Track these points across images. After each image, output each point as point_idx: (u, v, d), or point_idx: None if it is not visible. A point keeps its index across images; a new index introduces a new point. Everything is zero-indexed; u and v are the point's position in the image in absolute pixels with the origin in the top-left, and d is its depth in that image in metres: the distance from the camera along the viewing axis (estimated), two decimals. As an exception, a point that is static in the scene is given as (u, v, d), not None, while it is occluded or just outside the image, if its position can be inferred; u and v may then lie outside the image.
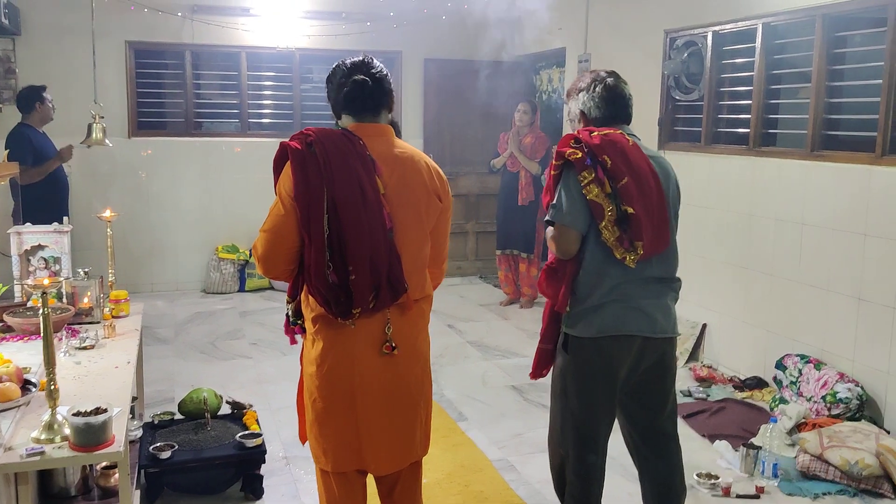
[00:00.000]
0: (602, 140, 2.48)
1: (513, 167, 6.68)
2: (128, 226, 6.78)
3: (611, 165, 2.44)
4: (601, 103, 2.64)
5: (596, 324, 2.50)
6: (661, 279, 2.58)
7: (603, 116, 2.64)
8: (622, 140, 2.52)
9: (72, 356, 3.00)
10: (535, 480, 3.54)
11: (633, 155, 2.50)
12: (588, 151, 2.45)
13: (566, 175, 2.49)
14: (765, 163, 4.70)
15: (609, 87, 2.64)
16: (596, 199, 2.42)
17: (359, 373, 2.24)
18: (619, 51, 6.05)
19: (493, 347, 5.61)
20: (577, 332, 2.54)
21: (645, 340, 2.54)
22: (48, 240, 3.69)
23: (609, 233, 2.43)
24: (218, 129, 7.44)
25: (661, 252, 2.56)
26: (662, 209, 2.54)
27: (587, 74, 2.71)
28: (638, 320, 2.51)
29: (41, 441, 2.21)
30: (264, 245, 2.24)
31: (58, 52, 6.58)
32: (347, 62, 2.32)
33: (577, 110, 2.70)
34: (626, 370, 2.57)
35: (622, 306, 2.50)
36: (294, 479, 3.53)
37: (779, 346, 4.56)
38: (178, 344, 5.57)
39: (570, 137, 2.53)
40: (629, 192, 2.44)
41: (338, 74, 2.32)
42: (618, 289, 2.49)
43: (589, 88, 2.66)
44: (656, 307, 2.56)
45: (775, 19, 4.61)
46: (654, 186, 2.52)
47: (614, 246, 2.44)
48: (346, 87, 2.27)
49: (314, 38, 7.27)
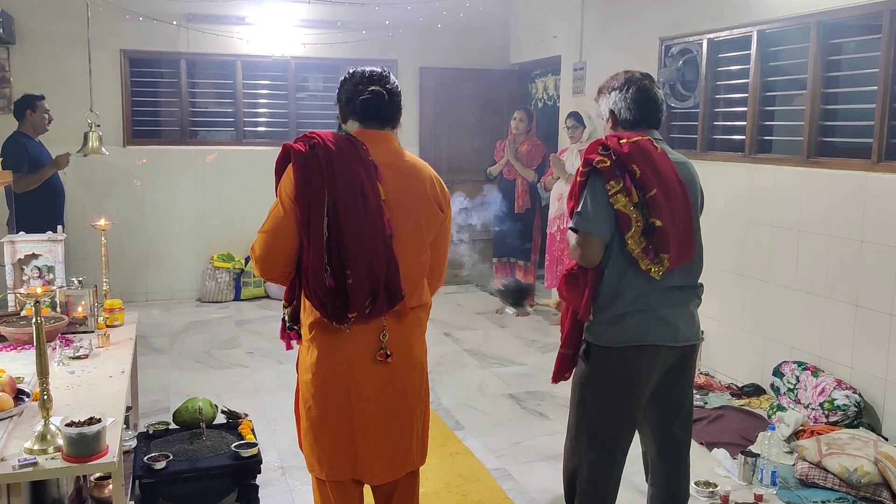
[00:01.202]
0: (631, 148, 2.43)
1: (509, 175, 6.69)
2: (123, 234, 6.77)
3: (640, 175, 2.39)
4: (633, 105, 2.58)
5: (619, 334, 2.47)
6: (683, 287, 2.55)
7: (633, 119, 2.59)
8: (651, 148, 2.47)
9: (65, 366, 2.97)
10: (534, 490, 3.52)
11: (661, 164, 2.46)
12: (616, 160, 2.41)
13: (593, 182, 2.44)
14: (760, 170, 4.71)
15: (643, 89, 2.58)
16: (623, 210, 2.38)
17: (355, 380, 2.23)
18: (614, 58, 6.05)
19: (490, 356, 5.59)
20: (599, 342, 2.51)
21: (668, 350, 2.51)
22: (42, 249, 3.67)
23: (635, 243, 2.40)
24: (213, 137, 7.43)
25: (687, 262, 2.53)
26: (689, 220, 2.50)
27: (621, 74, 2.65)
28: (660, 330, 2.48)
29: (34, 452, 2.18)
30: (262, 246, 2.22)
31: (53, 61, 6.57)
32: (367, 69, 2.31)
33: (607, 109, 2.65)
34: (651, 381, 2.54)
35: (645, 316, 2.47)
36: (290, 489, 3.50)
37: (776, 353, 4.55)
38: (174, 353, 5.54)
39: (598, 143, 2.47)
40: (658, 204, 2.40)
41: (355, 79, 2.30)
42: (640, 298, 2.46)
43: (622, 88, 2.59)
44: (679, 315, 2.53)
45: (770, 27, 4.62)
46: (681, 196, 2.48)
47: (640, 257, 2.40)
48: (365, 95, 2.25)
49: (310, 47, 7.28)
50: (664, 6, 5.52)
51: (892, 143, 3.94)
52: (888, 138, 3.93)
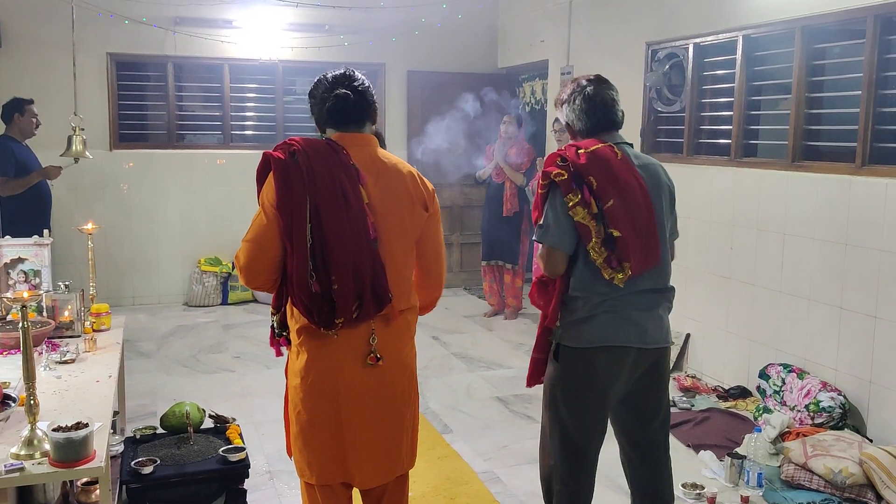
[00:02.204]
0: (588, 158, 2.44)
1: (498, 178, 6.70)
2: (110, 238, 6.73)
3: (597, 186, 2.41)
4: (582, 115, 2.59)
5: (586, 334, 2.49)
6: (653, 290, 2.57)
7: (587, 128, 2.59)
8: (610, 155, 2.47)
9: (52, 370, 2.96)
10: (522, 492, 3.53)
11: (621, 172, 2.46)
12: (574, 172, 2.42)
13: (552, 196, 2.47)
14: (746, 173, 4.74)
15: (588, 96, 2.58)
16: (582, 221, 2.40)
17: (344, 385, 2.23)
18: (601, 63, 6.08)
19: (478, 359, 5.60)
20: (567, 343, 2.53)
21: (638, 352, 2.53)
22: (28, 253, 3.66)
23: (597, 254, 2.41)
24: (200, 141, 7.41)
25: (653, 268, 2.54)
26: (652, 225, 2.50)
27: (569, 84, 2.65)
28: (628, 331, 2.50)
29: (21, 457, 2.17)
30: (247, 255, 2.22)
31: (39, 64, 6.53)
32: (329, 76, 2.32)
33: (564, 122, 2.68)
34: (620, 382, 2.56)
35: (613, 317, 2.49)
36: (278, 494, 3.50)
37: (762, 356, 4.58)
38: (161, 358, 5.52)
39: (557, 156, 2.49)
40: (615, 215, 2.41)
41: (320, 88, 2.31)
42: (608, 302, 2.48)
43: (570, 101, 2.61)
44: (648, 318, 2.54)
45: (756, 31, 4.66)
46: (643, 202, 2.48)
47: (602, 266, 2.42)
48: (329, 102, 2.26)
49: (297, 51, 7.27)
50: (651, 11, 5.56)
51: (875, 147, 3.98)
52: (872, 142, 3.97)
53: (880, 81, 3.94)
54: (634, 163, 2.54)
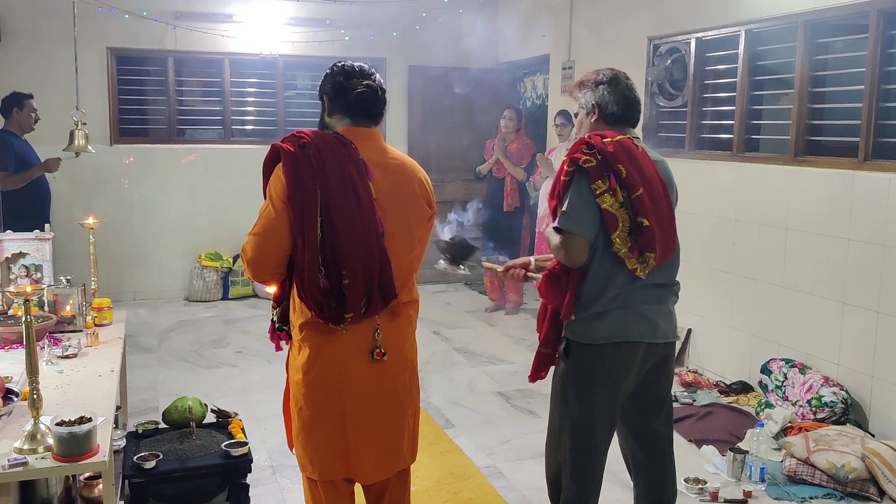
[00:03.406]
0: (616, 147, 2.42)
1: (498, 173, 6.69)
2: (110, 233, 6.72)
3: (625, 175, 2.39)
4: (621, 100, 2.56)
5: (599, 330, 2.47)
6: (662, 284, 2.56)
7: (620, 114, 2.57)
8: (633, 147, 2.47)
9: (54, 365, 2.96)
10: (524, 487, 3.53)
11: (644, 163, 2.46)
12: (602, 159, 2.40)
13: (578, 182, 2.42)
14: (748, 168, 4.73)
15: (630, 87, 2.60)
16: (610, 209, 2.37)
17: (347, 380, 2.22)
18: (602, 58, 6.06)
19: (480, 354, 5.59)
20: (579, 339, 2.50)
21: (648, 346, 2.52)
22: (29, 247, 3.65)
23: (622, 243, 2.39)
24: (201, 136, 7.40)
25: (668, 260, 2.54)
26: (671, 218, 2.51)
27: (607, 69, 2.63)
28: (641, 326, 2.49)
29: (24, 451, 2.17)
30: (254, 248, 2.20)
31: (39, 59, 6.52)
32: (356, 65, 2.29)
33: (591, 102, 2.59)
34: (631, 377, 2.55)
35: (626, 312, 2.47)
36: (280, 489, 3.50)
37: (764, 351, 4.58)
38: (162, 353, 5.51)
39: (583, 143, 2.46)
40: (643, 204, 2.40)
41: (346, 72, 2.27)
42: (622, 296, 2.47)
43: (611, 83, 2.57)
44: (658, 312, 2.54)
45: (758, 26, 4.65)
46: (663, 195, 2.49)
47: (626, 256, 2.40)
48: (360, 89, 2.23)
49: (298, 45, 7.25)
50: (653, 5, 5.54)
51: (878, 141, 3.97)
52: (875, 137, 3.96)
53: (883, 76, 3.93)
54: (650, 156, 2.55)
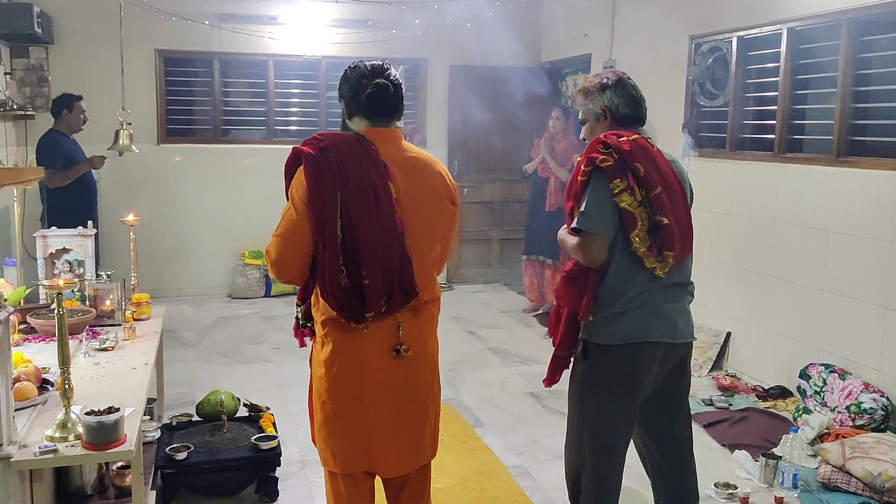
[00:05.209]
0: (632, 146, 2.42)
1: (543, 173, 6.65)
2: (155, 231, 6.88)
3: (643, 174, 2.38)
4: (630, 101, 2.57)
5: (618, 331, 2.46)
6: (679, 284, 2.54)
7: (631, 115, 2.57)
8: (648, 146, 2.47)
9: (91, 357, 3.05)
10: (551, 487, 3.52)
11: (660, 162, 2.45)
12: (619, 158, 2.39)
13: (595, 182, 2.42)
14: (789, 169, 4.64)
15: (635, 87, 2.60)
16: (628, 208, 2.37)
17: (368, 375, 2.25)
18: (644, 57, 6.02)
19: (514, 354, 5.58)
20: (597, 340, 2.49)
21: (667, 347, 2.50)
22: (73, 243, 3.76)
23: (640, 242, 2.38)
24: (245, 136, 7.54)
25: (685, 259, 2.52)
26: (688, 216, 2.51)
27: (609, 73, 2.64)
28: (661, 326, 2.47)
29: (55, 439, 2.24)
30: (277, 250, 2.25)
31: (89, 61, 6.71)
32: (368, 64, 2.32)
33: (600, 107, 2.59)
34: (650, 379, 2.53)
35: (645, 312, 2.46)
36: (309, 483, 3.54)
37: (803, 355, 4.48)
38: (202, 348, 5.63)
39: (598, 142, 2.46)
40: (662, 202, 2.39)
41: (357, 74, 2.30)
42: (641, 296, 2.45)
43: (617, 86, 2.58)
44: (677, 312, 2.52)
45: (801, 24, 4.56)
46: (680, 193, 2.48)
47: (645, 256, 2.39)
48: (370, 89, 2.26)
49: (340, 46, 7.34)
50: (695, 4, 5.47)
51: (923, 142, 3.86)
52: (919, 137, 3.86)
53: (929, 74, 3.82)
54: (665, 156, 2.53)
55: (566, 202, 2.58)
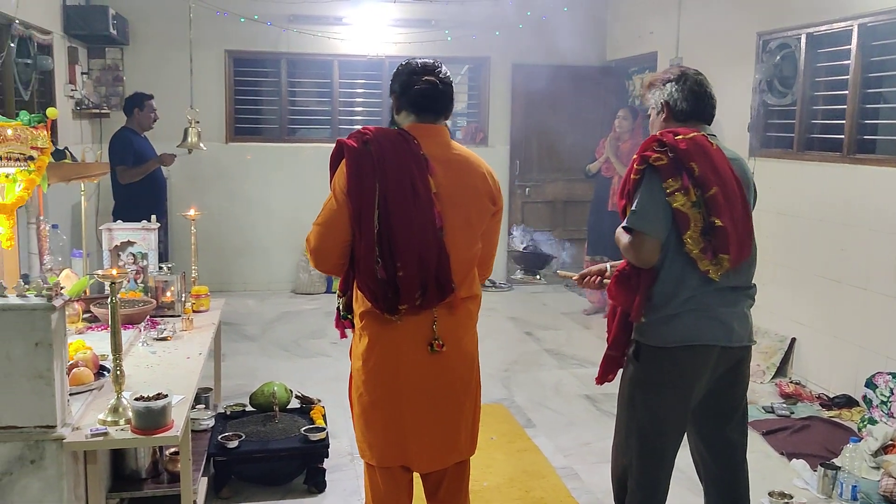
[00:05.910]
0: (689, 145, 2.36)
1: (607, 172, 6.58)
2: (223, 227, 7.08)
3: (698, 173, 2.33)
4: (690, 96, 2.52)
5: (671, 333, 2.41)
6: (737, 287, 2.47)
7: (689, 110, 2.52)
8: (707, 144, 2.41)
9: (149, 346, 3.16)
10: (599, 490, 3.48)
11: (718, 161, 2.39)
12: (674, 157, 2.35)
13: (649, 180, 2.37)
14: (861, 170, 4.46)
15: (699, 82, 2.54)
16: (682, 208, 2.32)
17: (404, 369, 2.27)
18: (710, 54, 5.88)
19: (571, 356, 5.53)
20: (649, 342, 2.45)
21: (722, 350, 2.44)
22: (136, 237, 3.89)
23: (694, 244, 2.33)
24: (311, 135, 7.68)
25: (743, 262, 2.45)
26: (747, 218, 2.43)
27: (675, 67, 2.61)
28: (714, 329, 2.41)
29: (106, 423, 2.33)
30: (316, 238, 2.30)
31: (162, 61, 6.95)
32: (419, 61, 2.36)
33: (661, 101, 2.56)
34: (702, 382, 2.47)
35: (698, 315, 2.40)
36: (357, 475, 3.58)
37: (871, 364, 4.31)
38: (264, 341, 5.76)
39: (654, 140, 2.41)
40: (717, 203, 2.33)
41: (408, 70, 2.34)
42: (695, 298, 2.40)
43: (679, 80, 2.53)
44: (732, 315, 2.45)
45: (872, 20, 4.38)
46: (739, 194, 2.41)
47: (698, 257, 2.34)
48: (419, 86, 2.29)
49: (403, 46, 7.40)
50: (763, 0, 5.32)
51: None
52: None
53: None
54: (726, 154, 2.47)
55: (619, 201, 2.55)
